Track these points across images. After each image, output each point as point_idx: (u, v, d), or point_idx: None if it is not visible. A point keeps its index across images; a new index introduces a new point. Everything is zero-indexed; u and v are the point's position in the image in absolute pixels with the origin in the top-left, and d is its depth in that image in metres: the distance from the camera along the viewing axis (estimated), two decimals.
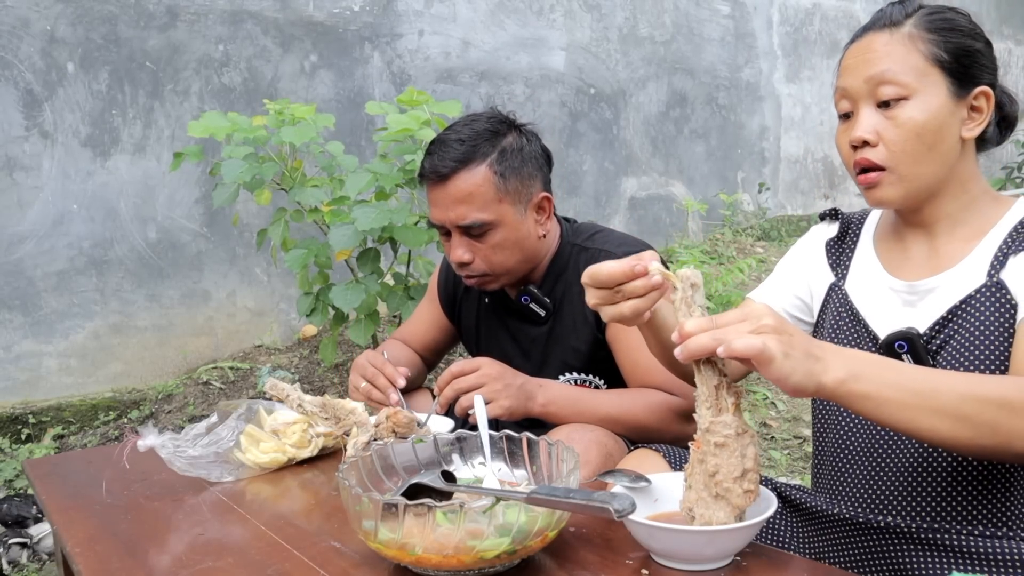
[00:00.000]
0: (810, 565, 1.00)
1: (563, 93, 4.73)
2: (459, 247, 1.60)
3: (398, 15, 4.07)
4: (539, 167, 1.63)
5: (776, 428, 3.24)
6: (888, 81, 1.11)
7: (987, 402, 0.92)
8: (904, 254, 1.22)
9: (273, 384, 1.52)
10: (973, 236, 1.15)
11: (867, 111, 1.13)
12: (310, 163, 2.98)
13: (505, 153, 1.57)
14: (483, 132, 1.58)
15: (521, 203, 1.59)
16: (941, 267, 1.16)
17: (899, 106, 1.11)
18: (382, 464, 1.15)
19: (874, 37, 1.14)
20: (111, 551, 1.09)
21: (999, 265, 1.10)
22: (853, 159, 1.16)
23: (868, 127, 1.12)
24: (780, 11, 5.78)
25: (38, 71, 3.19)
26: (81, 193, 3.30)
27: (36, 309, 3.24)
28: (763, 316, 0.90)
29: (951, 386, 0.92)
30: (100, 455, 1.54)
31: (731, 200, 5.45)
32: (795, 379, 0.88)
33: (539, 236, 1.64)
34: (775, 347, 0.87)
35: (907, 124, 1.10)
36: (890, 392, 0.91)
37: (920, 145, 1.11)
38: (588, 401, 1.54)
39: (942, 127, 1.11)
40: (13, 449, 2.99)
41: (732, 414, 0.95)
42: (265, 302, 3.79)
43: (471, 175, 1.54)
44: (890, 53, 1.12)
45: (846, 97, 1.16)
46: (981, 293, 1.10)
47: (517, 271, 1.63)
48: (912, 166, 1.12)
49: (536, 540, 0.96)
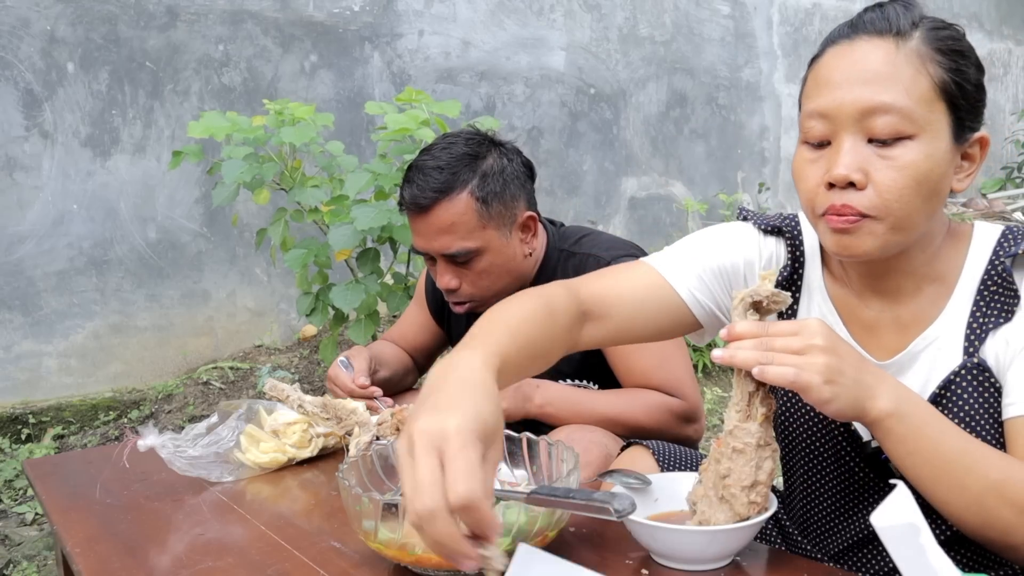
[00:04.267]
0: (810, 565, 1.00)
1: (563, 93, 4.73)
2: (445, 274, 1.57)
3: (398, 15, 4.07)
4: (522, 185, 1.59)
5: None
6: (892, 112, 0.87)
7: (1011, 503, 0.85)
8: (865, 315, 1.04)
9: (273, 385, 1.52)
10: (939, 295, 0.99)
11: (853, 142, 0.89)
12: (310, 163, 2.98)
13: (486, 177, 1.52)
14: (462, 157, 1.53)
15: (505, 226, 1.56)
16: (909, 336, 1.00)
17: (899, 145, 0.88)
18: (382, 464, 1.15)
19: (872, 48, 0.90)
20: (111, 551, 1.09)
21: (977, 341, 0.96)
22: (827, 202, 0.91)
23: (854, 165, 0.89)
24: (780, 11, 5.78)
25: (38, 71, 3.19)
26: (81, 193, 3.30)
27: (36, 309, 3.24)
28: (816, 334, 0.85)
29: (985, 472, 0.86)
30: (100, 455, 1.54)
31: (731, 200, 5.45)
32: (837, 405, 0.85)
33: (525, 255, 1.61)
34: (813, 376, 0.83)
35: (907, 169, 0.88)
36: (925, 445, 0.86)
37: (916, 196, 0.89)
38: (586, 402, 1.53)
39: (942, 177, 0.90)
40: (13, 449, 2.99)
41: (759, 424, 0.93)
42: (265, 302, 3.79)
43: (452, 204, 1.51)
44: (896, 76, 0.88)
45: (824, 121, 0.91)
46: (961, 376, 0.97)
47: (506, 292, 1.58)
48: (903, 219, 0.90)
49: (536, 540, 0.96)
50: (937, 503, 0.89)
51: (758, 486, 0.94)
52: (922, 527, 0.70)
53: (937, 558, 0.70)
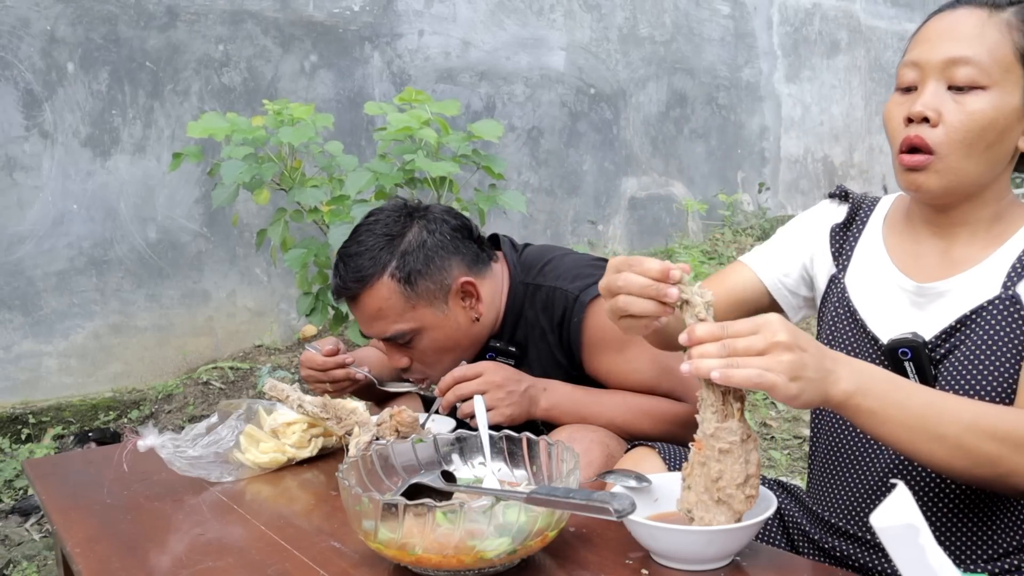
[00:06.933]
0: (810, 565, 1.00)
1: (563, 93, 4.73)
2: (393, 355, 1.57)
3: (398, 15, 4.07)
4: (452, 252, 1.52)
5: (776, 428, 3.24)
6: (971, 64, 1.01)
7: (990, 436, 0.90)
8: (915, 250, 1.15)
9: (273, 385, 1.51)
10: (991, 242, 1.09)
11: (934, 87, 1.04)
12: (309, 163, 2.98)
13: (406, 256, 1.49)
14: (380, 239, 1.50)
15: (439, 299, 1.51)
16: (955, 270, 1.10)
17: (972, 94, 1.02)
18: (382, 464, 1.15)
19: (969, 14, 1.04)
20: (111, 551, 1.09)
21: (1016, 277, 1.05)
22: (903, 135, 1.06)
23: (932, 104, 1.03)
24: (780, 11, 5.78)
25: (38, 71, 3.19)
26: (81, 193, 3.30)
27: (36, 309, 3.24)
28: (777, 331, 0.87)
29: (956, 415, 0.91)
30: (100, 455, 1.54)
31: (731, 200, 5.45)
32: (804, 398, 0.87)
33: (473, 320, 1.55)
34: (779, 376, 0.85)
35: (975, 115, 1.01)
36: (894, 412, 0.90)
37: (980, 140, 1.02)
38: (592, 406, 1.50)
39: (1006, 129, 1.03)
40: (13, 449, 2.99)
41: (738, 420, 0.94)
42: (265, 302, 3.79)
43: (375, 291, 1.49)
44: (982, 36, 1.02)
45: (915, 68, 1.06)
46: (994, 305, 1.04)
47: (459, 360, 1.55)
48: (963, 159, 1.03)
49: (536, 540, 0.96)
50: (923, 459, 0.93)
51: (750, 479, 0.95)
52: (922, 527, 0.70)
53: (937, 558, 0.70)
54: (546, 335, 1.56)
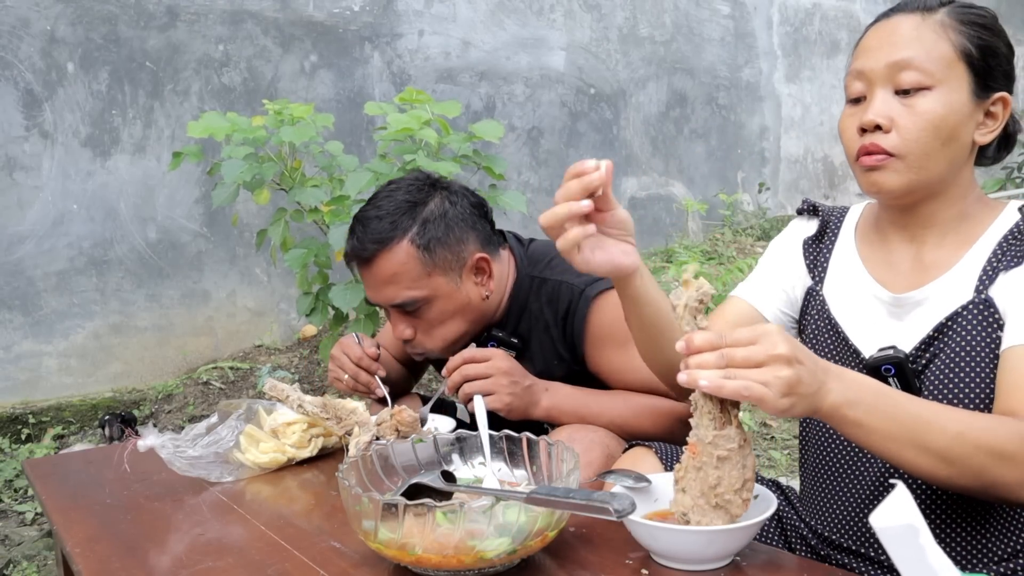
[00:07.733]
0: (810, 565, 1.00)
1: (563, 93, 4.73)
2: (398, 324, 1.55)
3: (398, 15, 4.07)
4: (471, 227, 1.53)
5: (776, 428, 3.24)
6: (913, 67, 1.04)
7: (976, 447, 0.90)
8: (888, 259, 1.16)
9: (272, 385, 1.51)
10: (961, 244, 1.10)
11: (883, 95, 1.06)
12: (310, 163, 2.98)
13: (428, 223, 1.48)
14: (401, 204, 1.49)
15: (454, 271, 1.51)
16: (928, 276, 1.11)
17: (919, 95, 1.04)
18: (382, 464, 1.15)
19: (903, 19, 1.07)
20: (111, 551, 1.09)
21: (988, 280, 1.06)
22: (858, 144, 1.08)
23: (882, 111, 1.05)
24: (780, 11, 5.78)
25: (38, 71, 3.19)
26: (81, 193, 3.30)
27: (36, 309, 3.24)
28: (778, 343, 0.85)
29: (943, 426, 0.91)
30: (100, 455, 1.54)
31: (731, 200, 5.45)
32: (794, 412, 0.88)
33: (483, 298, 1.55)
34: (769, 390, 0.84)
35: (926, 115, 1.04)
36: (881, 423, 0.90)
37: (935, 139, 1.04)
38: (593, 407, 1.50)
39: (959, 125, 1.05)
40: (13, 449, 2.99)
41: (735, 427, 0.93)
42: (265, 302, 3.79)
43: (393, 255, 1.47)
44: (919, 38, 1.05)
45: (861, 79, 1.09)
46: (968, 310, 1.06)
47: (465, 337, 1.56)
48: (922, 158, 1.05)
49: (536, 540, 0.96)
50: (909, 468, 0.93)
51: (747, 483, 0.94)
52: (921, 528, 0.70)
53: (937, 558, 0.70)
54: (549, 328, 1.56)
